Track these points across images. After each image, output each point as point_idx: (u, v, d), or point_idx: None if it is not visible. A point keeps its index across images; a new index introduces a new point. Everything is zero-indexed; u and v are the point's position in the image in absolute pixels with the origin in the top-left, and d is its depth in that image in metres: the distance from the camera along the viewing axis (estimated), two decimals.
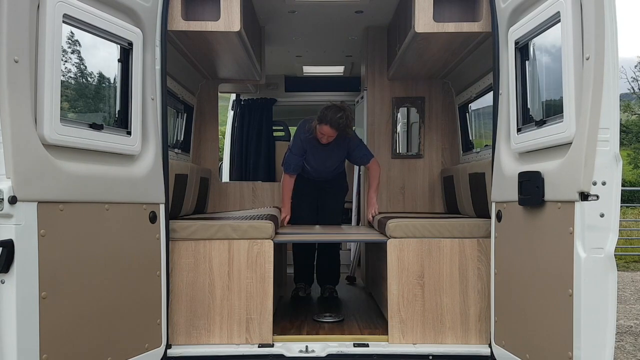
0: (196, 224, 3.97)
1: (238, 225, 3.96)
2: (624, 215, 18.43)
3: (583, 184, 2.70)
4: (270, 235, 3.98)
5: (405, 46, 4.67)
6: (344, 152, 5.39)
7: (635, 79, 37.42)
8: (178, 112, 5.50)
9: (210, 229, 3.94)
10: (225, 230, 3.95)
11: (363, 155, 5.42)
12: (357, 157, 5.44)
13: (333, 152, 5.36)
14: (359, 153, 5.40)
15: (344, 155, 5.45)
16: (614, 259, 2.70)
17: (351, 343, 3.95)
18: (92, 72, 3.41)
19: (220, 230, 3.94)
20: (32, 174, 2.71)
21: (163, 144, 3.71)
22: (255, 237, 3.95)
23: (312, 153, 5.33)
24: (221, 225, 3.95)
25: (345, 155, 5.45)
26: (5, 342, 2.59)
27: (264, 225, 3.98)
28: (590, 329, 2.68)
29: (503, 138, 3.66)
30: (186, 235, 3.92)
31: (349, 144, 5.33)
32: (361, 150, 5.41)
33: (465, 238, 3.99)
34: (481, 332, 3.93)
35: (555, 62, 3.08)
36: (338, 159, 5.46)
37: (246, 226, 3.96)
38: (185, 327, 3.91)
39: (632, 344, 6.07)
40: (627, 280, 10.28)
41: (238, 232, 3.94)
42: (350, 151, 5.37)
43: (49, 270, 2.76)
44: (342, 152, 5.39)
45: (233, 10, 4.03)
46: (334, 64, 7.58)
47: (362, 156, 5.42)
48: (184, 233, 3.92)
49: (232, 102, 8.53)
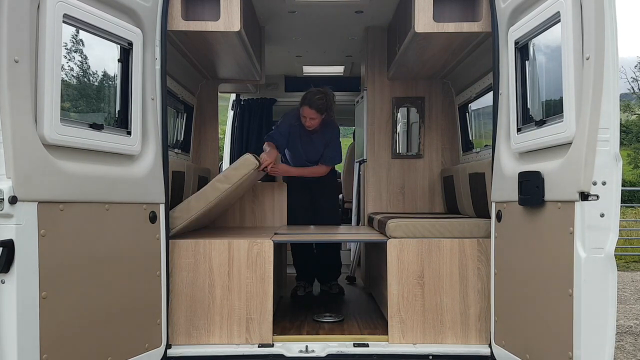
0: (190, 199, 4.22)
1: (224, 176, 4.35)
2: (623, 215, 18.44)
3: (583, 184, 2.70)
4: (255, 164, 4.36)
5: (405, 46, 4.67)
6: (324, 145, 5.45)
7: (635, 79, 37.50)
8: (178, 112, 5.50)
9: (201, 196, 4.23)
10: (215, 186, 4.27)
11: (333, 156, 5.52)
12: (327, 155, 5.50)
13: (316, 144, 5.43)
14: (330, 152, 5.48)
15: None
16: (614, 259, 2.71)
17: (351, 343, 3.95)
18: (92, 72, 3.41)
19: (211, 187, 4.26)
20: (33, 174, 2.71)
21: (163, 144, 3.71)
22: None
23: (298, 142, 5.38)
24: (210, 184, 4.30)
25: None
26: (6, 342, 2.59)
27: (246, 158, 4.38)
28: (590, 329, 2.68)
29: (503, 138, 3.66)
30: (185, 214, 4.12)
31: (330, 137, 5.41)
32: (334, 150, 5.50)
33: (465, 238, 3.99)
34: (481, 332, 3.93)
35: (555, 62, 3.08)
36: (319, 150, 5.52)
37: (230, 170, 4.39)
38: (185, 327, 3.91)
39: (632, 344, 6.07)
40: (627, 280, 10.29)
41: (230, 180, 4.29)
42: (326, 145, 5.42)
43: (49, 270, 2.76)
44: (322, 145, 5.45)
45: (233, 10, 4.03)
46: (334, 64, 7.58)
47: (331, 157, 5.51)
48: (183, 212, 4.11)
49: (232, 102, 8.53)
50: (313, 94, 5.17)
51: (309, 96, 5.17)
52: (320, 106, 5.13)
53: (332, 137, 5.49)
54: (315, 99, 5.12)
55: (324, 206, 5.74)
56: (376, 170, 5.89)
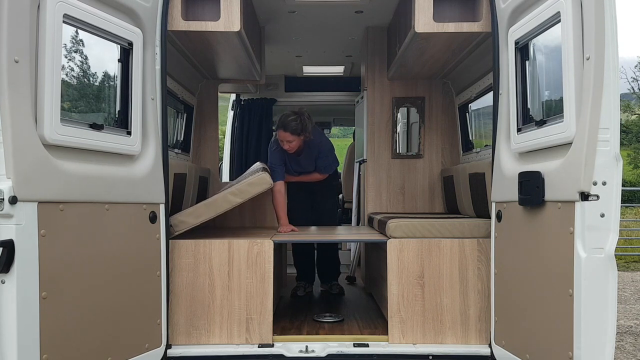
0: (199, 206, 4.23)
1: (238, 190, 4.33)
2: (623, 215, 18.43)
3: (583, 184, 2.70)
4: (270, 184, 4.37)
5: (405, 46, 4.66)
6: (314, 159, 5.47)
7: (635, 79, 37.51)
8: (178, 112, 5.50)
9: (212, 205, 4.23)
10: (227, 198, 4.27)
11: (326, 165, 5.54)
12: (320, 165, 5.52)
13: (305, 161, 5.44)
14: (322, 162, 5.50)
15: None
16: (614, 259, 2.71)
17: (351, 343, 3.95)
18: (93, 72, 3.41)
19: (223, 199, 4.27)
20: (33, 174, 2.71)
21: (163, 144, 3.71)
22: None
23: (289, 163, 5.38)
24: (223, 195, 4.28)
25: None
26: (6, 342, 2.59)
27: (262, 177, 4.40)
28: (590, 329, 2.68)
29: (503, 138, 3.66)
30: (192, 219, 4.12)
31: (318, 151, 5.41)
32: (326, 160, 5.51)
33: (465, 238, 3.99)
34: (481, 332, 3.93)
35: (556, 62, 3.08)
36: (312, 164, 5.54)
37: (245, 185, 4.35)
38: (185, 327, 3.91)
39: (632, 344, 6.07)
40: (627, 280, 10.28)
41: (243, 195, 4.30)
42: (316, 158, 5.43)
43: (49, 270, 2.76)
44: (313, 159, 5.47)
45: (233, 10, 4.03)
46: (333, 64, 7.58)
47: (325, 166, 5.54)
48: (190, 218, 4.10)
49: (232, 102, 8.53)
50: (287, 116, 5.10)
51: (282, 119, 5.10)
52: (295, 128, 5.02)
53: (320, 150, 5.45)
54: (289, 120, 5.04)
55: (324, 207, 5.75)
56: (376, 170, 5.89)
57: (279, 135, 5.13)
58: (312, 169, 5.55)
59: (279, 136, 5.12)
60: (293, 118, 5.06)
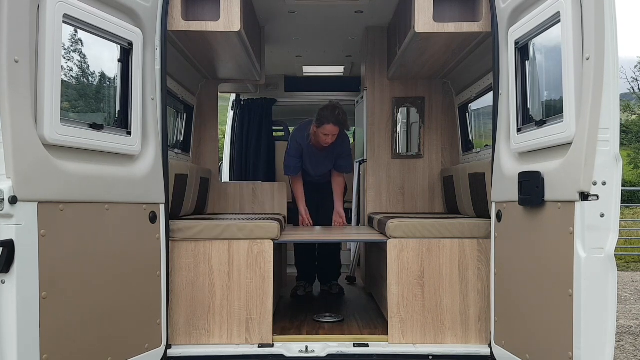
0: (202, 224, 3.97)
1: (244, 225, 3.96)
2: (622, 216, 18.42)
3: (583, 184, 2.70)
4: (276, 236, 3.98)
5: (405, 46, 4.66)
6: (335, 157, 5.48)
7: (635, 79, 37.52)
8: (178, 112, 5.50)
9: (215, 229, 3.94)
10: (232, 230, 3.95)
11: (347, 165, 5.55)
12: (341, 164, 5.53)
13: (327, 158, 5.43)
14: (344, 162, 5.52)
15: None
16: (614, 259, 2.71)
17: (351, 343, 3.95)
18: (92, 72, 3.41)
19: (226, 230, 3.94)
20: (33, 174, 2.71)
21: (163, 144, 3.71)
22: (260, 237, 3.94)
23: (308, 158, 5.36)
24: (227, 226, 3.95)
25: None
26: (6, 342, 2.59)
27: (269, 225, 3.98)
28: (590, 329, 2.68)
29: (503, 138, 3.66)
30: (191, 236, 3.93)
31: (341, 150, 5.42)
32: (348, 159, 5.53)
33: (465, 238, 3.99)
34: (481, 332, 3.93)
35: (556, 62, 3.08)
36: (331, 164, 5.56)
37: (252, 226, 3.96)
38: (185, 327, 3.91)
39: (632, 344, 6.07)
40: (627, 280, 10.29)
41: (244, 232, 3.94)
42: (337, 157, 5.41)
43: (49, 270, 2.76)
44: (333, 157, 5.48)
45: (233, 10, 4.03)
46: (333, 64, 7.58)
47: (346, 165, 5.55)
48: (189, 233, 3.93)
49: (232, 102, 8.52)
50: (331, 111, 5.03)
51: (327, 114, 5.02)
52: (342, 120, 5.05)
53: (343, 150, 5.43)
54: (335, 114, 5.01)
55: (328, 205, 5.77)
56: (376, 170, 5.89)
57: (325, 130, 5.07)
58: (327, 169, 5.53)
59: (327, 130, 5.06)
60: (337, 112, 5.02)
